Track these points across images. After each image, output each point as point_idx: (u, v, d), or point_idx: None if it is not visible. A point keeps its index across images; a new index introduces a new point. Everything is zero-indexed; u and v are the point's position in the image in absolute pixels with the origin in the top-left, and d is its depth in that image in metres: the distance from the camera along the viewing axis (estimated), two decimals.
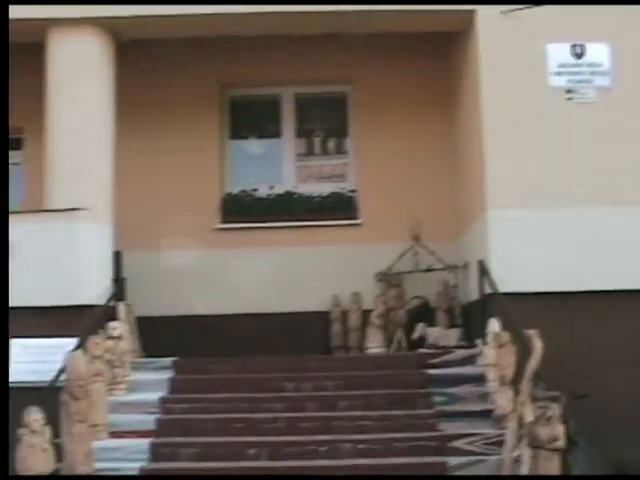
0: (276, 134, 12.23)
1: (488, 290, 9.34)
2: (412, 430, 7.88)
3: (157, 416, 8.32)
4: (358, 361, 9.67)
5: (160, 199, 11.42)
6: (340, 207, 11.67)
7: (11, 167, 12.00)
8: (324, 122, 12.33)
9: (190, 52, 11.42)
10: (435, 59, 11.50)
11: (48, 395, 7.64)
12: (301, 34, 10.77)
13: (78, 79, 9.90)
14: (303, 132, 12.25)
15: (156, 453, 7.76)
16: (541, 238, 9.52)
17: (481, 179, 9.80)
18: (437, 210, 11.26)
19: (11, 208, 10.54)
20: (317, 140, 12.28)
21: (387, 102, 11.60)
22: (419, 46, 11.32)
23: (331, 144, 12.31)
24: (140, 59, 11.09)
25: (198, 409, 8.41)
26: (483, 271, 9.51)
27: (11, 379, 8.91)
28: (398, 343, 10.53)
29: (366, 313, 10.76)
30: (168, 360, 9.34)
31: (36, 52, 10.11)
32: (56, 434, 7.20)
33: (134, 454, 7.73)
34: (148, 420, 8.23)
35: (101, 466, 7.47)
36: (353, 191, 11.77)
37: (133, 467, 7.52)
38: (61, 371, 7.88)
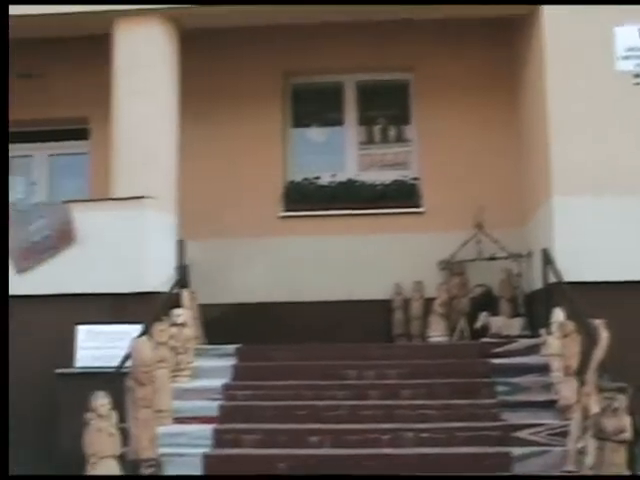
0: (338, 122, 12.21)
1: (552, 279, 9.23)
2: (475, 420, 7.83)
3: (220, 403, 8.38)
4: (421, 349, 9.63)
5: (223, 187, 11.51)
6: (402, 195, 11.61)
7: (77, 157, 12.34)
8: (386, 110, 12.26)
9: (253, 41, 11.49)
10: (499, 45, 11.34)
11: (114, 381, 7.77)
12: (364, 21, 10.75)
13: (144, 69, 10.03)
14: (365, 120, 12.20)
15: (219, 439, 7.82)
16: (607, 226, 9.37)
17: (546, 165, 9.67)
18: (500, 197, 11.13)
19: (77, 197, 10.80)
20: (379, 128, 12.23)
21: (449, 89, 11.51)
22: (482, 32, 11.21)
23: (393, 132, 12.25)
24: (204, 48, 11.17)
25: (261, 396, 8.46)
26: (547, 260, 9.39)
27: (77, 364, 9.14)
28: (461, 332, 10.46)
29: (428, 301, 10.71)
30: (231, 347, 9.40)
31: (102, 43, 10.24)
32: (122, 419, 7.30)
33: (198, 440, 7.80)
34: (211, 407, 8.30)
35: (165, 451, 7.55)
36: (416, 179, 11.71)
37: (196, 453, 7.58)
38: (127, 357, 8.01)
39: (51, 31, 10.59)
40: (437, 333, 10.44)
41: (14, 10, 9.59)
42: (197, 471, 7.43)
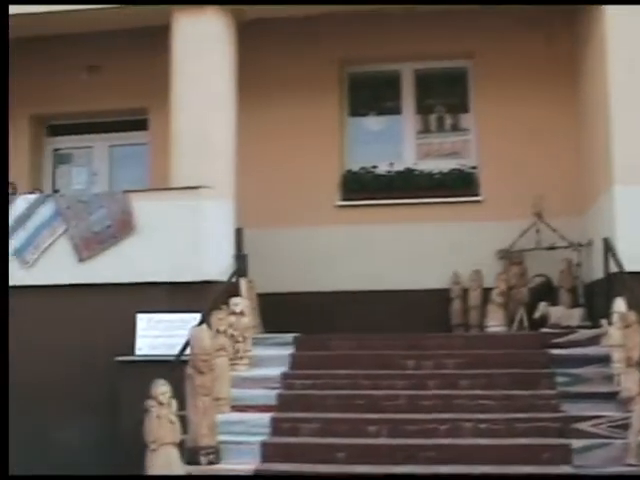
0: (396, 111, 12.15)
1: (614, 269, 9.08)
2: (534, 411, 7.75)
3: (278, 391, 8.42)
4: (479, 339, 9.53)
5: (281, 176, 11.56)
6: (461, 184, 11.52)
7: (137, 147, 12.47)
8: (444, 98, 12.17)
9: (310, 29, 11.48)
10: (559, 31, 11.19)
11: (173, 369, 7.86)
12: (421, 8, 10.67)
13: (202, 59, 10.09)
14: (423, 108, 12.12)
15: (277, 428, 7.86)
16: None
17: (607, 154, 9.51)
18: (560, 186, 11.00)
19: (137, 187, 10.92)
20: (437, 116, 12.14)
21: (508, 76, 11.38)
22: (542, 17, 11.05)
23: (451, 120, 12.16)
24: (260, 38, 11.20)
25: (319, 385, 8.48)
26: (608, 249, 9.24)
27: (137, 352, 9.25)
28: (520, 322, 10.38)
29: (487, 291, 10.62)
30: (289, 336, 9.43)
31: (160, 35, 10.31)
32: (181, 407, 7.38)
33: (256, 428, 7.85)
34: (269, 395, 8.35)
35: (223, 439, 7.64)
36: (474, 167, 11.61)
37: (254, 441, 7.64)
38: (186, 345, 8.08)
39: (111, 24, 10.71)
40: (495, 323, 10.36)
41: (75, 5, 9.78)
42: (256, 459, 7.48)
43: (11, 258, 10.07)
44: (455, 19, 11.16)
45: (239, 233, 10.15)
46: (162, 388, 7.13)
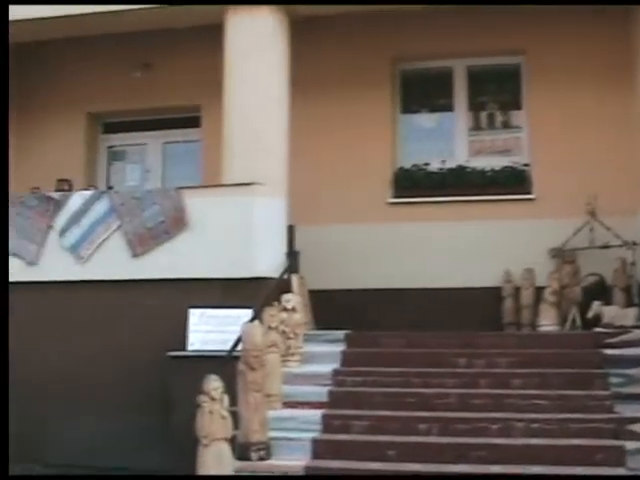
0: (448, 107, 12.10)
1: None
2: (587, 411, 7.68)
3: (329, 388, 8.44)
4: (532, 338, 9.44)
5: (333, 173, 11.58)
6: (513, 181, 11.43)
7: (190, 144, 12.58)
8: (497, 95, 12.08)
9: (362, 27, 11.51)
10: (613, 25, 11.02)
11: (224, 364, 7.89)
12: (473, 5, 10.61)
13: (255, 56, 10.15)
14: (475, 105, 12.05)
15: (328, 424, 7.88)
16: None
17: None
18: (614, 184, 10.81)
19: (190, 183, 11.02)
20: (489, 113, 12.06)
21: (561, 72, 11.26)
22: (597, 15, 10.90)
23: (503, 117, 12.06)
24: (313, 35, 11.22)
25: (370, 382, 8.49)
26: None
27: (189, 347, 9.32)
28: (572, 321, 10.26)
29: (539, 290, 10.54)
30: (340, 333, 9.44)
31: (214, 33, 10.39)
32: (232, 402, 7.41)
33: (307, 424, 7.88)
34: (321, 392, 8.37)
35: (274, 435, 7.67)
36: (526, 165, 11.51)
37: (305, 437, 7.67)
38: (238, 341, 8.12)
39: (165, 23, 10.83)
40: (548, 322, 10.26)
41: (129, 4, 9.91)
42: (307, 455, 7.51)
43: (66, 253, 10.24)
44: (507, 15, 11.07)
45: (291, 230, 10.18)
46: (214, 383, 7.17)
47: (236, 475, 7.20)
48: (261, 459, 7.44)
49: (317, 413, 8.00)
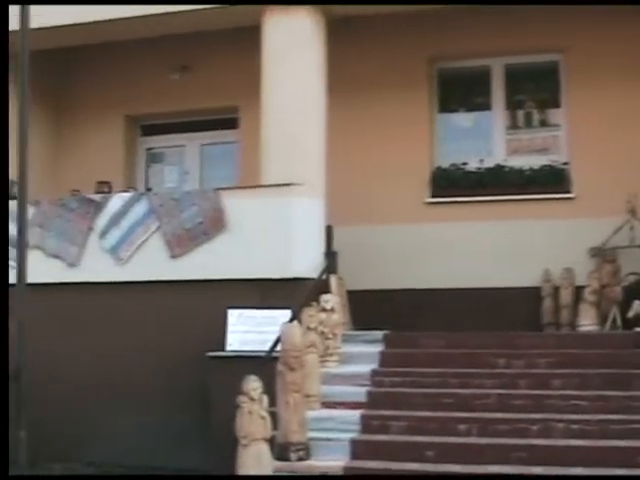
0: (485, 106, 12.03)
1: None
2: (628, 412, 7.60)
3: (368, 389, 8.44)
4: (571, 339, 9.36)
5: (370, 173, 11.57)
6: (552, 180, 11.34)
7: (227, 145, 12.64)
8: (535, 93, 12.00)
9: (399, 26, 11.48)
10: None
11: (263, 364, 7.91)
12: (510, 3, 10.55)
13: (292, 57, 10.16)
14: (513, 104, 11.97)
15: (367, 425, 7.88)
16: None
17: None
18: None
19: (227, 184, 11.08)
20: (528, 111, 11.98)
21: (601, 69, 11.14)
22: (636, 8, 10.77)
23: (542, 115, 11.98)
24: (349, 35, 11.24)
25: (408, 383, 8.48)
26: None
27: (228, 348, 9.36)
28: (613, 321, 10.16)
29: (578, 289, 10.45)
30: (379, 333, 9.43)
31: (251, 34, 10.43)
32: (270, 403, 7.41)
33: (345, 425, 7.88)
34: (359, 392, 8.37)
35: (313, 435, 7.69)
36: (565, 164, 11.41)
37: (344, 438, 7.68)
38: (277, 341, 8.14)
39: (202, 25, 10.89)
40: (587, 322, 10.17)
41: (168, 7, 9.99)
42: (345, 456, 7.52)
43: (106, 255, 10.34)
44: (545, 13, 10.98)
45: (329, 230, 10.19)
46: (254, 384, 7.19)
47: (275, 475, 7.23)
48: (300, 459, 7.46)
49: (356, 414, 8.00)
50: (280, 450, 7.45)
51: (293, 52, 10.14)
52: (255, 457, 7.09)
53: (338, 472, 7.30)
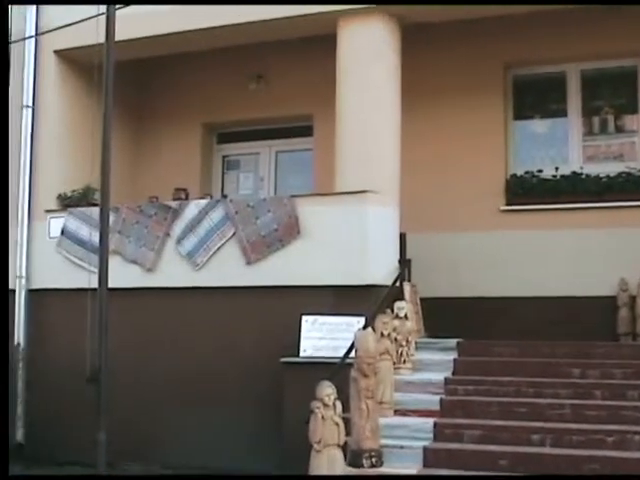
0: (561, 113, 11.90)
1: None
2: None
3: (441, 396, 8.45)
4: None
5: (444, 181, 11.56)
6: (629, 188, 11.13)
7: (302, 153, 12.77)
8: (612, 99, 11.81)
9: (473, 33, 11.44)
10: None
11: (336, 371, 7.98)
12: (585, 8, 10.43)
13: (367, 65, 10.22)
14: (589, 110, 11.82)
15: (440, 433, 7.88)
16: None
17: None
18: None
19: (302, 191, 11.18)
20: (604, 118, 11.82)
21: None
22: None
23: (619, 121, 11.80)
24: (424, 42, 11.25)
25: (482, 391, 8.46)
26: None
27: (302, 354, 9.45)
28: None
29: None
30: (452, 341, 9.44)
31: (326, 43, 10.53)
32: (343, 409, 7.43)
33: (418, 433, 7.90)
34: (432, 400, 8.39)
35: (386, 442, 7.72)
36: None
37: (417, 445, 7.69)
38: (351, 348, 8.20)
39: (278, 34, 11.00)
40: None
41: (243, 17, 10.13)
42: (418, 463, 7.54)
43: (182, 261, 10.53)
44: (622, 16, 10.82)
45: (403, 238, 10.22)
46: (327, 390, 7.24)
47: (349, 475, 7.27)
48: (373, 466, 7.49)
49: (429, 421, 8.01)
50: (353, 456, 7.49)
51: (368, 60, 10.20)
52: (328, 463, 7.13)
53: None
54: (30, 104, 11.56)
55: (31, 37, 11.18)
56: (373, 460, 7.51)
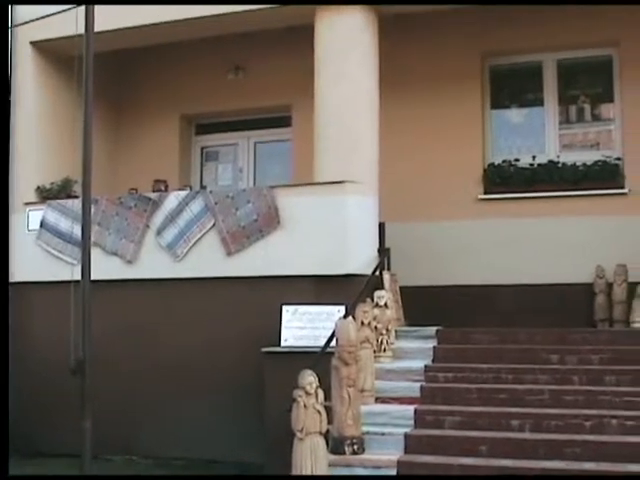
0: (538, 102, 11.99)
1: None
2: None
3: (421, 384, 8.52)
4: (625, 335, 9.29)
5: (421, 170, 11.63)
6: (605, 176, 11.26)
7: (281, 143, 12.79)
8: (588, 88, 11.92)
9: (450, 23, 11.53)
10: None
11: (317, 360, 8.02)
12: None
13: (344, 56, 10.23)
14: (566, 99, 11.92)
15: (420, 420, 7.95)
16: None
17: None
18: None
19: (281, 182, 11.20)
20: (580, 107, 11.92)
21: None
22: None
23: (595, 110, 11.91)
24: (402, 32, 11.31)
25: (461, 378, 8.54)
26: None
27: (283, 343, 9.50)
28: None
29: (632, 286, 10.38)
30: (432, 329, 9.51)
31: (302, 34, 10.59)
32: (325, 397, 7.45)
33: (399, 420, 7.97)
34: (413, 387, 8.46)
35: (367, 429, 7.79)
36: (619, 159, 11.35)
37: (398, 432, 7.76)
38: (331, 337, 8.25)
39: (255, 25, 11.02)
40: None
41: (222, 8, 10.16)
42: (399, 450, 7.61)
43: (162, 252, 10.54)
44: (598, 7, 10.89)
45: (382, 227, 10.27)
46: (309, 378, 7.25)
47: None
48: (354, 453, 7.56)
49: (410, 408, 8.08)
50: (335, 444, 7.56)
51: (346, 51, 10.22)
52: (310, 450, 7.18)
53: (392, 466, 7.38)
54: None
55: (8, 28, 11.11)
56: (355, 447, 7.58)
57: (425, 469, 7.29)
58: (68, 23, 7.47)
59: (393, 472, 7.37)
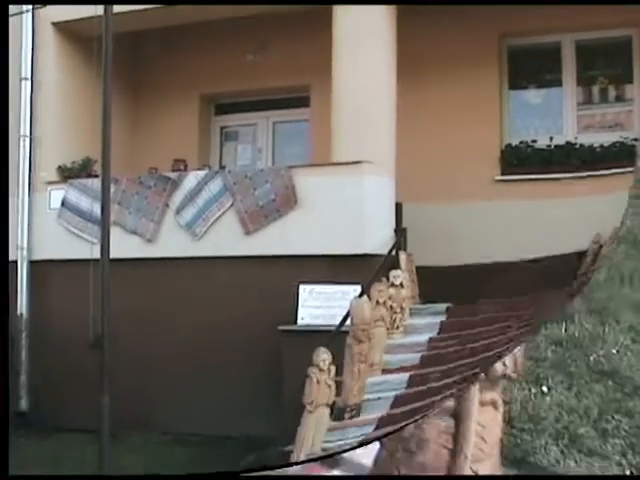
0: (556, 83, 11.97)
1: None
2: None
3: (422, 354, 8.56)
4: None
5: (439, 150, 11.59)
6: (623, 157, 11.20)
7: (299, 124, 12.83)
8: (606, 68, 11.86)
9: (468, 4, 11.45)
10: None
11: (333, 338, 8.15)
12: None
13: (362, 38, 10.29)
14: (584, 80, 11.88)
15: (412, 381, 8.00)
16: None
17: None
18: None
19: (299, 162, 11.26)
20: (599, 88, 11.88)
21: None
22: None
23: (613, 91, 11.87)
24: (419, 13, 11.26)
25: (458, 343, 8.49)
26: None
27: (299, 322, 9.61)
28: None
29: None
30: (443, 305, 9.51)
31: (322, 16, 10.59)
32: (337, 373, 7.62)
33: (396, 385, 8.01)
34: (415, 357, 8.50)
35: (368, 397, 7.91)
36: (636, 139, 11.30)
37: (391, 395, 7.80)
38: (347, 316, 8.35)
39: (273, 7, 11.06)
40: None
41: None
42: (385, 408, 7.65)
43: (182, 231, 10.66)
44: None
45: (399, 207, 10.32)
46: (323, 355, 7.43)
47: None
48: (351, 417, 7.70)
49: (407, 375, 8.14)
50: (337, 412, 7.70)
51: (364, 33, 10.27)
52: (315, 421, 7.37)
53: (372, 423, 7.43)
54: (28, 76, 11.64)
55: (28, 11, 11.22)
56: (353, 412, 7.74)
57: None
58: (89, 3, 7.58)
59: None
